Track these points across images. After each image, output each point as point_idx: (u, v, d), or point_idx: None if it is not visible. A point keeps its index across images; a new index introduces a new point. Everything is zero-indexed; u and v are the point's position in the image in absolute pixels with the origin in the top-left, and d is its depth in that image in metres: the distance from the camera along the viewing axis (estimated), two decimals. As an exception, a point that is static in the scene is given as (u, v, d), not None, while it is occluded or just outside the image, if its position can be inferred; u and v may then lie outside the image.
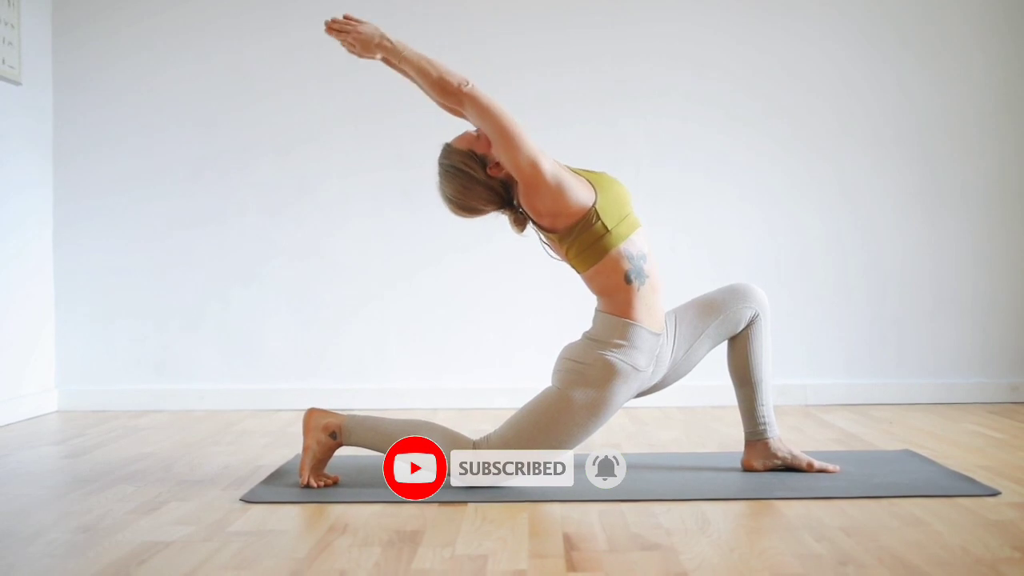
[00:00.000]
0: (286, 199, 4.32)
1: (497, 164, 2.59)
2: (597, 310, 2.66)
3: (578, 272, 2.67)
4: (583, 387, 2.56)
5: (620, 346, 2.58)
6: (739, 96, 4.31)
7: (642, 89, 4.31)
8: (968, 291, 4.32)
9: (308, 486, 2.62)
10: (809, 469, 2.75)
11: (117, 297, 4.31)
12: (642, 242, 2.63)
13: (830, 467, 2.76)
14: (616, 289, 2.60)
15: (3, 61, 3.94)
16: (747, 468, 2.80)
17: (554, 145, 4.25)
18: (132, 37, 4.32)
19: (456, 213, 2.65)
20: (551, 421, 2.56)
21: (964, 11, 4.32)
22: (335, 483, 2.66)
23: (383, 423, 2.66)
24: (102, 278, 4.31)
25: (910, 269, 4.32)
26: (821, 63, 4.31)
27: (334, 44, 4.28)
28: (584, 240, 2.58)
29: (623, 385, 2.58)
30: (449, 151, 2.63)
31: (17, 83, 4.03)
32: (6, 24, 3.96)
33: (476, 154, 2.61)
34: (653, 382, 2.70)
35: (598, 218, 2.56)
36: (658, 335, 2.63)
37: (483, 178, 2.60)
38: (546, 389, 2.63)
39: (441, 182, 2.63)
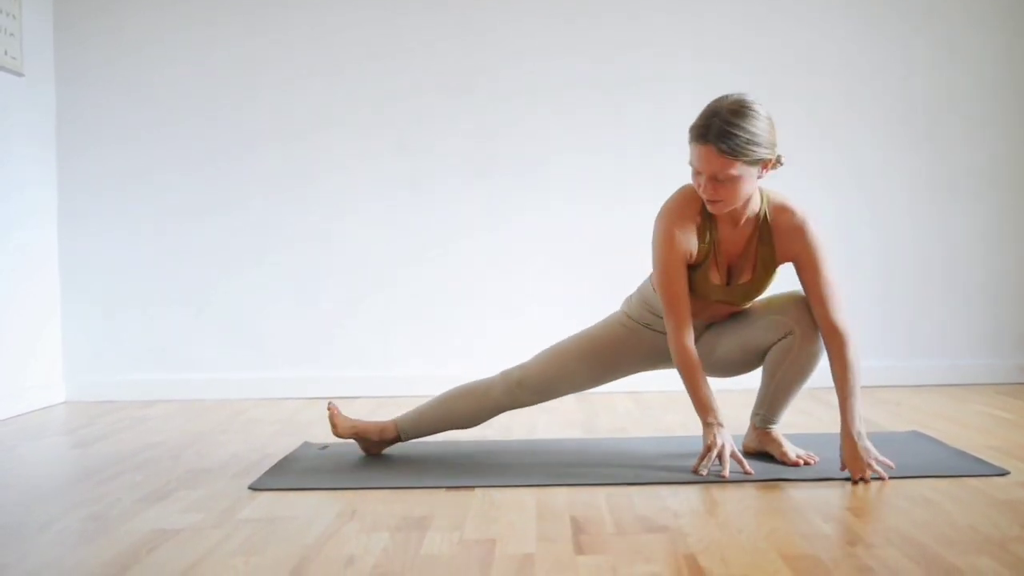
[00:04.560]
0: (290, 189, 4.31)
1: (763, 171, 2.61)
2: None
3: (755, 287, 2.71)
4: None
5: (630, 306, 2.83)
6: (744, 81, 4.24)
7: (647, 75, 4.29)
8: (977, 272, 4.31)
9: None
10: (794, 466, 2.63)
11: (123, 288, 4.32)
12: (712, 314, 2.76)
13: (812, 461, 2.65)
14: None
15: (5, 52, 3.93)
16: (747, 451, 2.79)
17: (561, 131, 4.33)
18: (135, 28, 4.31)
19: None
20: (558, 349, 2.83)
21: (970, -9, 4.30)
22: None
23: (427, 408, 2.89)
24: (107, 269, 4.32)
25: (919, 250, 4.30)
26: (827, 47, 4.29)
27: (335, 34, 4.34)
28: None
29: (617, 327, 2.80)
30: None
31: (19, 74, 4.02)
32: (7, 15, 3.95)
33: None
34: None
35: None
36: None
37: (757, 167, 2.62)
38: None
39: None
